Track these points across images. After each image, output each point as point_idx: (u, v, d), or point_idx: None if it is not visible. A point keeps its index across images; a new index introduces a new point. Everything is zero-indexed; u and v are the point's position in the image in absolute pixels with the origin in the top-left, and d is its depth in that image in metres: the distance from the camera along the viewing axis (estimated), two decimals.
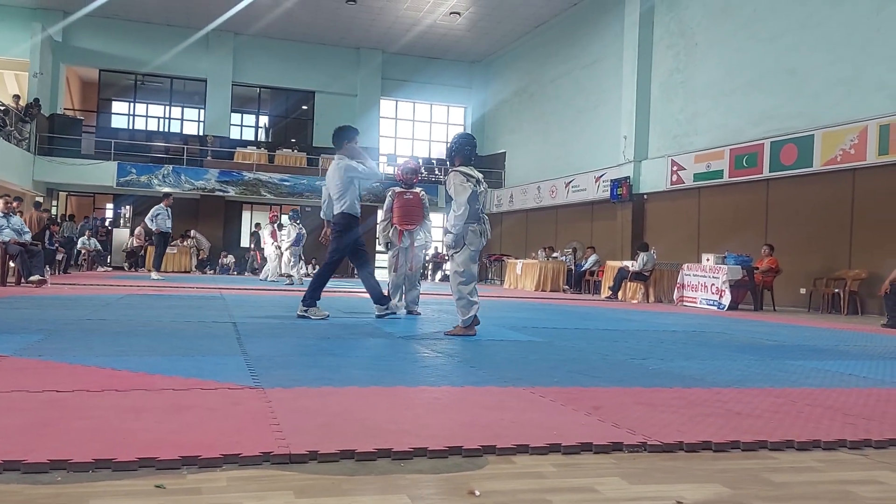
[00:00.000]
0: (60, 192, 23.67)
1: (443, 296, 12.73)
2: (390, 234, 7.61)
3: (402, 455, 1.99)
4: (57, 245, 14.55)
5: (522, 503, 1.67)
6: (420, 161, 19.57)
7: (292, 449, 1.95)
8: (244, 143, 25.00)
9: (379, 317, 6.69)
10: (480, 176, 5.38)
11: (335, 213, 6.58)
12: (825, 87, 12.72)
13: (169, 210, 14.23)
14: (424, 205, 7.64)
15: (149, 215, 14.14)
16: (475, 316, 5.28)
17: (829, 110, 12.52)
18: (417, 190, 7.61)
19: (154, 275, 13.88)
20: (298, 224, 15.20)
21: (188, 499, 1.61)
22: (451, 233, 5.19)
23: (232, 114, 25.16)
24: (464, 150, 5.37)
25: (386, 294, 7.09)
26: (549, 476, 1.89)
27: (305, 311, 6.38)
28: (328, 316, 6.48)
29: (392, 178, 23.97)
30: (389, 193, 7.81)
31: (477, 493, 1.72)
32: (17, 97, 20.74)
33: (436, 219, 26.59)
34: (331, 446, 1.99)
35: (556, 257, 18.46)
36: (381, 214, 8.03)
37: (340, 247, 6.58)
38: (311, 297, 6.45)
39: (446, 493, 1.72)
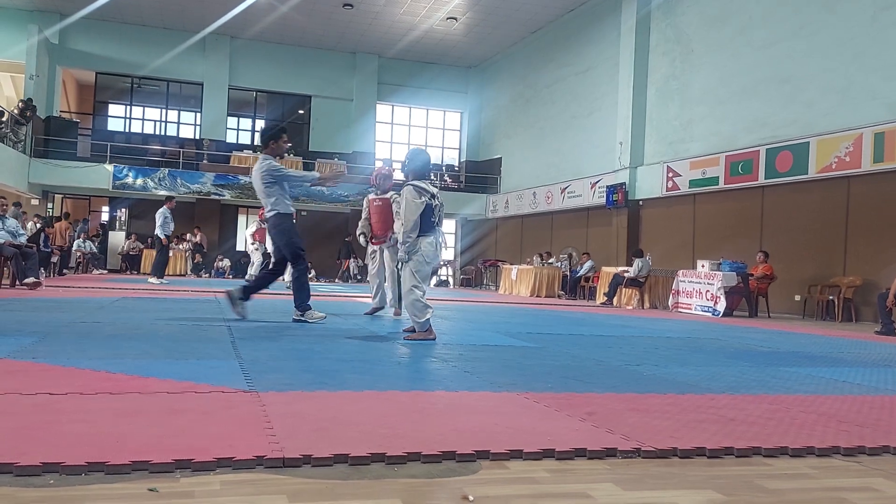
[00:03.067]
0: (56, 195, 23.61)
1: (440, 300, 12.75)
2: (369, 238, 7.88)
3: (395, 459, 1.99)
4: (52, 247, 14.50)
5: None
6: (392, 166, 19.52)
7: (286, 453, 1.95)
8: (240, 147, 24.97)
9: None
10: (436, 191, 5.50)
11: (267, 215, 6.50)
12: (820, 95, 12.78)
13: (171, 213, 14.17)
14: (395, 210, 7.63)
15: (159, 223, 13.94)
16: (430, 328, 5.33)
17: (824, 118, 12.57)
18: (388, 195, 7.56)
19: (153, 279, 13.81)
20: None
21: (181, 502, 1.60)
22: (404, 244, 5.32)
23: (228, 117, 25.14)
24: (417, 166, 5.49)
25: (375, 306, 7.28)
26: (542, 482, 1.89)
27: (301, 315, 6.37)
28: (325, 317, 6.47)
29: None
30: (364, 200, 7.97)
31: (470, 498, 1.72)
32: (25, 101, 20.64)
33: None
34: (324, 450, 1.99)
35: (552, 263, 18.48)
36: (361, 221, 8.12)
37: (292, 242, 6.45)
38: (302, 301, 6.42)
39: (440, 498, 1.72)
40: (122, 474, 1.76)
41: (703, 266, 12.40)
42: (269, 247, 14.48)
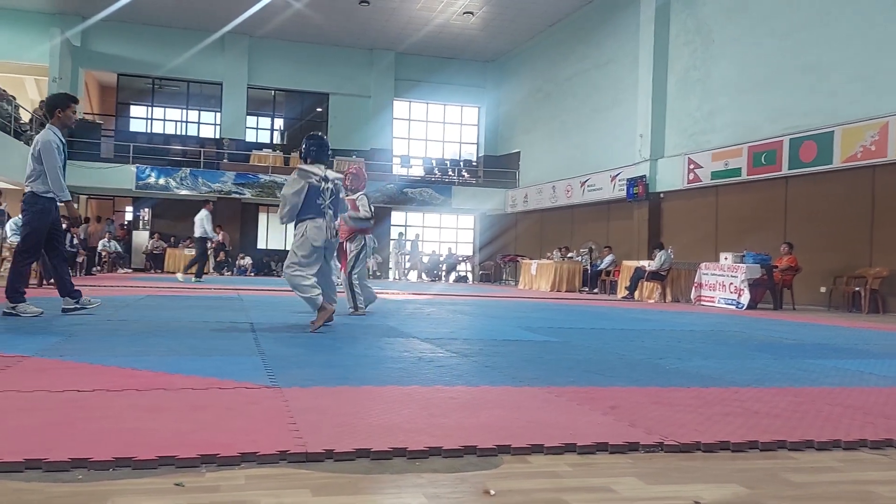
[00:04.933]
0: (81, 196, 23.92)
1: (459, 296, 12.76)
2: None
3: (417, 454, 1.99)
4: (78, 247, 14.71)
5: (538, 502, 1.67)
6: (363, 165, 19.49)
7: (309, 448, 1.96)
8: (260, 146, 25.17)
9: (65, 311, 5.98)
10: (331, 175, 5.59)
11: (26, 190, 5.72)
12: (844, 83, 12.59)
13: (210, 215, 14.81)
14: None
15: (207, 227, 14.61)
16: (324, 304, 5.32)
17: (849, 106, 12.38)
18: (355, 196, 7.41)
19: (180, 276, 14.36)
20: None
21: (207, 496, 1.62)
22: (280, 220, 5.60)
23: (247, 117, 25.35)
24: (309, 150, 5.61)
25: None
26: (564, 476, 1.89)
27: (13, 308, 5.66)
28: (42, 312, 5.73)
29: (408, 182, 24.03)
30: None
31: (492, 492, 1.72)
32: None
33: (446, 220, 26.63)
34: (347, 445, 2.00)
35: (572, 257, 18.40)
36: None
37: (32, 228, 5.72)
38: (13, 291, 5.69)
39: (462, 493, 1.73)
40: (148, 469, 1.79)
41: (726, 258, 12.29)
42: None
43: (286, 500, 1.62)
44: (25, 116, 20.11)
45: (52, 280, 10.06)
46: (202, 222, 14.66)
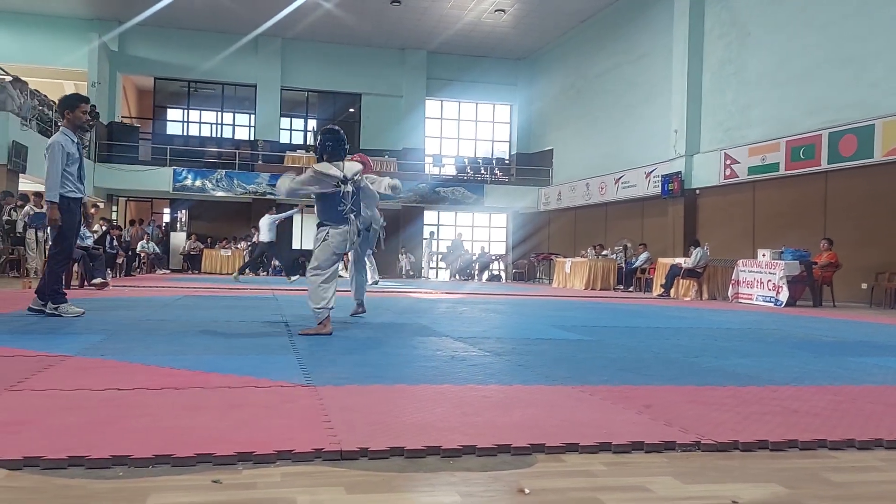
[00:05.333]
0: (120, 198, 24.42)
1: (492, 295, 12.73)
2: None
3: (451, 452, 2.00)
4: (118, 249, 15.02)
5: (573, 502, 1.66)
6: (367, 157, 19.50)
7: (343, 446, 1.98)
8: (293, 147, 25.42)
9: (31, 310, 5.83)
10: (349, 171, 5.10)
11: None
12: (885, 75, 12.28)
13: (272, 218, 15.18)
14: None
15: (271, 230, 15.03)
16: (326, 321, 5.03)
17: (890, 98, 12.08)
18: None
19: (235, 275, 15.20)
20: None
21: (244, 493, 1.65)
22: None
23: (281, 118, 25.60)
24: (325, 146, 5.13)
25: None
26: (599, 475, 1.88)
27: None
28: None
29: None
30: None
31: (527, 491, 1.72)
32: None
33: (479, 219, 26.57)
34: (381, 443, 2.01)
35: (606, 255, 18.25)
36: None
37: (63, 230, 5.72)
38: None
39: (495, 491, 1.72)
40: (187, 466, 1.82)
41: (763, 255, 12.07)
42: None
43: (321, 497, 1.63)
44: None
45: (93, 281, 10.30)
46: (266, 226, 15.11)
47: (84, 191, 5.84)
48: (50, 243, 6.24)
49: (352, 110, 26.39)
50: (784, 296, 11.24)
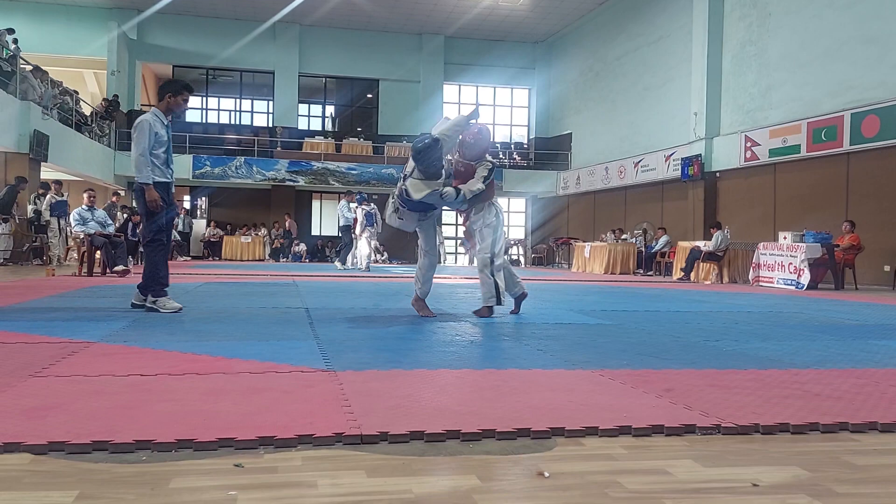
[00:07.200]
0: None
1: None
2: None
3: (470, 436, 2.01)
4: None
5: (593, 485, 1.66)
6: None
7: (363, 430, 2.00)
8: (312, 133, 25.48)
9: (134, 305, 5.53)
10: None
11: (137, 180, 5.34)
12: None
13: (349, 205, 15.27)
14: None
15: (348, 216, 15.11)
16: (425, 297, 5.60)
17: None
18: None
19: (338, 265, 15.28)
20: (370, 205, 15.35)
21: (265, 477, 1.67)
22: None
23: (299, 105, 25.62)
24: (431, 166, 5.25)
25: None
26: (619, 458, 1.88)
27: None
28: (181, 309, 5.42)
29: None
30: None
31: (546, 474, 1.72)
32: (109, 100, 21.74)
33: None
34: (401, 427, 2.03)
35: (626, 239, 18.14)
36: None
37: (151, 217, 5.37)
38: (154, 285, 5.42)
39: (515, 475, 1.73)
40: (209, 451, 1.84)
41: (785, 238, 11.94)
42: (358, 230, 15.03)
43: (342, 480, 1.65)
44: (87, 110, 20.78)
45: (115, 268, 10.43)
46: (342, 212, 15.29)
47: (172, 175, 5.47)
48: (142, 230, 5.92)
49: (370, 96, 26.35)
50: (805, 279, 11.12)
